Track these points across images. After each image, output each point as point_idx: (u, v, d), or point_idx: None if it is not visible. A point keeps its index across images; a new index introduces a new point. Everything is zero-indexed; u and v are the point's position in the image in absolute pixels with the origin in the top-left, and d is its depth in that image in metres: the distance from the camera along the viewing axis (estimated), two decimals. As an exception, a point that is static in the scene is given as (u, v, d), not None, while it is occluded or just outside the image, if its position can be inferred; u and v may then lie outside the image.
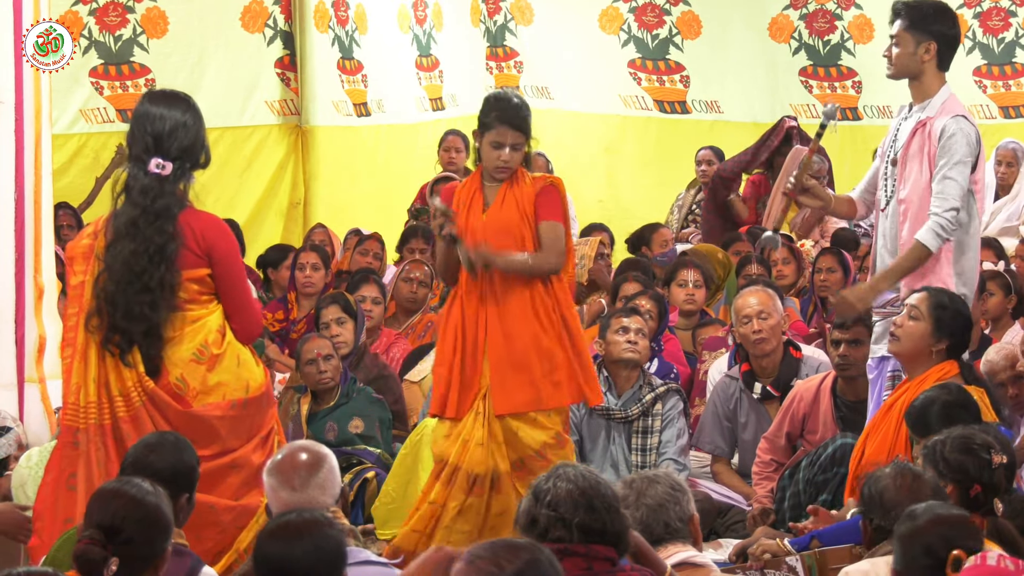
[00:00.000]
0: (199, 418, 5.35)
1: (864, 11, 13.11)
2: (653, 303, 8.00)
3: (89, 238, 5.45)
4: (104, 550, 3.89)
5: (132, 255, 5.30)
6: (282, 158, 11.56)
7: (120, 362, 5.32)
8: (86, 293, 5.36)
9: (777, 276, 9.29)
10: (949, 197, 6.02)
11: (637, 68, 13.51)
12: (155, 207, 5.31)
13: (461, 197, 6.21)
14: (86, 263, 5.40)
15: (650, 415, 7.23)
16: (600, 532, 3.91)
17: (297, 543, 3.81)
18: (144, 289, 5.29)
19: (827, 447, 6.65)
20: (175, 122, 5.39)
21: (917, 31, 6.18)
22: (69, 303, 5.45)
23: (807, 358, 7.49)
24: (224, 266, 5.44)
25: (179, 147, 5.36)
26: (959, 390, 5.36)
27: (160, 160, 5.34)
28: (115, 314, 5.31)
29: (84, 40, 10.68)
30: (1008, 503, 4.64)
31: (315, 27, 11.58)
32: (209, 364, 5.39)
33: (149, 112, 5.43)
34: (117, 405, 5.31)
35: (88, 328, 5.34)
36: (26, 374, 7.30)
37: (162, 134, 5.37)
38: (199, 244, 5.37)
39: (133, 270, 5.29)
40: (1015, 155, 11.19)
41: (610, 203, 13.36)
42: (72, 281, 5.44)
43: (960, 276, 6.09)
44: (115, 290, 5.31)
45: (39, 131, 7.39)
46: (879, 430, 5.74)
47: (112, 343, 5.32)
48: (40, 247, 7.38)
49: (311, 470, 4.38)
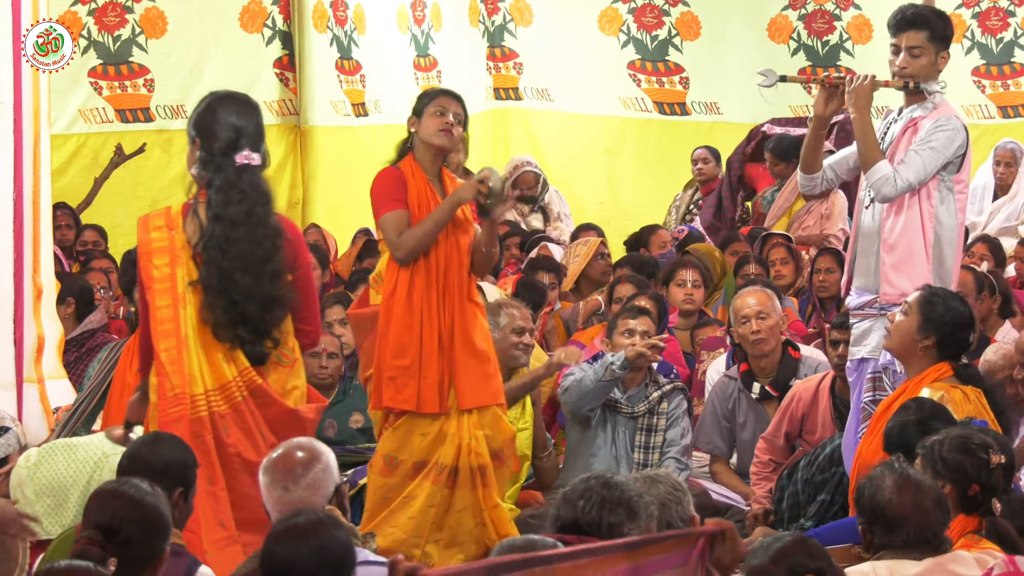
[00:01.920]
0: (300, 418, 5.41)
1: (863, 12, 13.11)
2: (652, 303, 7.99)
3: (161, 230, 5.44)
4: (103, 550, 3.89)
5: (259, 243, 5.35)
6: (281, 158, 11.56)
7: (221, 353, 5.32)
8: (178, 284, 5.36)
9: (775, 276, 9.29)
10: (910, 166, 6.04)
11: (637, 70, 13.51)
12: (263, 196, 5.42)
13: (415, 190, 6.10)
14: (168, 255, 5.39)
15: (655, 413, 7.22)
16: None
17: (304, 544, 3.81)
18: (274, 276, 5.35)
19: (825, 447, 6.65)
20: (258, 122, 5.50)
21: (938, 41, 6.19)
22: (158, 296, 5.39)
23: (805, 358, 7.49)
24: (304, 270, 5.54)
25: (254, 140, 5.47)
26: (925, 407, 5.29)
27: (248, 152, 5.42)
28: (247, 304, 5.32)
29: (83, 40, 10.69)
30: (1006, 503, 4.63)
31: (314, 27, 11.59)
32: (290, 367, 5.46)
33: (216, 111, 5.46)
34: (213, 400, 5.31)
35: (203, 318, 5.33)
36: (25, 374, 7.31)
37: (245, 128, 5.45)
38: (290, 247, 5.45)
39: (260, 258, 5.34)
40: (1013, 155, 11.19)
41: (610, 205, 13.37)
42: (156, 275, 5.40)
43: (937, 272, 6.08)
44: (248, 281, 5.32)
45: (38, 131, 7.39)
46: (875, 431, 5.72)
47: (236, 332, 5.32)
48: (39, 247, 7.38)
49: (302, 470, 4.37)
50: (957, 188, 6.13)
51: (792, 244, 9.90)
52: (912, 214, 6.10)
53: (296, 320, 5.51)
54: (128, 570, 3.92)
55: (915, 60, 6.18)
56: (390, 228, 6.03)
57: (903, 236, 6.10)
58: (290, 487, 4.35)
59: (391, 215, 6.03)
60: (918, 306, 5.75)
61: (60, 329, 7.62)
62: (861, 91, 6.13)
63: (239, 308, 5.33)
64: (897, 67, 6.21)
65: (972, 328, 5.78)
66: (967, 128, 6.18)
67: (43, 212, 7.44)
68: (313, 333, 5.59)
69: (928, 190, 6.09)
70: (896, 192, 6.07)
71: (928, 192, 6.09)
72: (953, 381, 5.60)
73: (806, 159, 6.39)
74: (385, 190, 6.06)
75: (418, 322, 6.03)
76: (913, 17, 6.21)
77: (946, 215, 6.11)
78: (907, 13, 6.23)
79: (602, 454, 7.16)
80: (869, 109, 6.16)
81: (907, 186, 6.05)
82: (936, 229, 6.08)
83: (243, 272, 5.33)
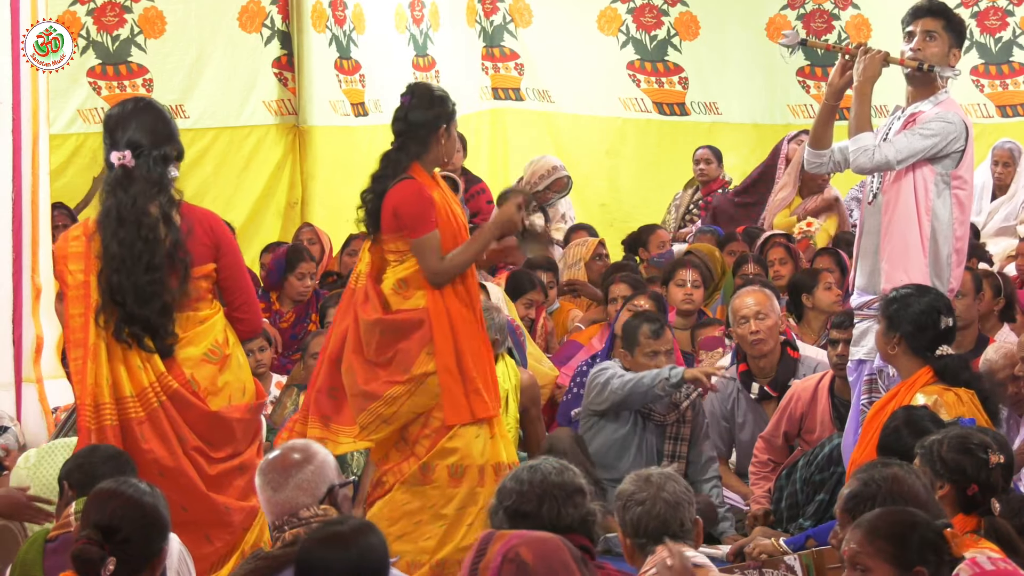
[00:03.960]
0: (222, 419, 5.36)
1: (862, 11, 13.11)
2: (651, 303, 7.99)
3: (79, 240, 5.43)
4: (102, 550, 3.89)
5: (124, 240, 5.31)
6: (280, 158, 11.56)
7: (137, 360, 5.29)
8: (92, 292, 5.34)
9: (774, 276, 9.28)
10: (893, 144, 6.02)
11: (636, 70, 13.51)
12: (129, 192, 5.33)
13: (442, 201, 6.11)
14: (83, 262, 5.39)
15: (682, 422, 7.21)
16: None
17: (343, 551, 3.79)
18: (148, 268, 5.29)
19: (824, 447, 6.66)
20: (122, 116, 5.43)
21: (953, 34, 6.18)
22: (71, 304, 5.40)
23: (804, 358, 7.49)
24: (231, 257, 5.49)
25: (131, 138, 5.38)
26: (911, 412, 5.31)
27: (118, 152, 5.37)
28: (126, 302, 5.29)
29: (82, 40, 10.68)
30: (1005, 502, 4.64)
31: (312, 27, 11.58)
32: (220, 364, 5.41)
33: (106, 115, 5.51)
34: (128, 407, 5.28)
35: (98, 323, 5.31)
36: (24, 374, 7.31)
37: (113, 129, 5.42)
38: (208, 236, 5.41)
39: (132, 253, 5.30)
40: (1012, 154, 11.18)
41: (612, 206, 13.37)
42: (70, 281, 5.41)
43: (934, 267, 6.07)
44: (119, 278, 5.29)
45: (37, 131, 7.39)
46: (867, 434, 5.71)
47: (126, 334, 5.29)
48: (37, 247, 7.38)
49: (293, 471, 4.36)
50: (955, 184, 6.10)
51: (791, 244, 9.90)
52: (909, 207, 6.08)
53: (231, 309, 5.49)
54: (127, 569, 3.93)
55: (930, 44, 6.14)
56: (431, 252, 6.00)
57: (899, 227, 6.08)
58: (279, 488, 4.35)
59: (431, 237, 6.00)
60: (881, 309, 5.78)
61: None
62: (872, 61, 6.11)
63: (124, 310, 5.30)
64: (911, 50, 6.18)
65: (939, 315, 5.72)
66: (969, 126, 6.15)
67: (42, 212, 7.43)
68: (249, 321, 5.55)
69: (925, 183, 6.06)
70: (872, 165, 6.05)
71: (925, 186, 6.07)
72: (943, 384, 5.60)
73: (816, 133, 6.32)
74: (421, 210, 6.00)
75: (479, 328, 6.11)
76: (931, 5, 6.22)
77: (942, 208, 6.08)
78: (925, 2, 6.23)
79: (632, 455, 7.13)
80: (874, 81, 6.11)
81: (884, 161, 6.02)
82: (932, 223, 6.06)
83: (116, 271, 5.31)
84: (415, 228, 5.99)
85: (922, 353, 5.69)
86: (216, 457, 5.32)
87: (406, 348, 6.02)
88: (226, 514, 5.27)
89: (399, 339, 6.04)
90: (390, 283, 6.09)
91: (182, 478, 5.22)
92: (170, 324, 5.34)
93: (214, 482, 5.29)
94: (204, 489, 5.29)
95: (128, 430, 5.27)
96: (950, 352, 5.72)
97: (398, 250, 6.07)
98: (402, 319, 6.04)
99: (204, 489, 5.29)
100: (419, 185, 6.03)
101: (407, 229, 6.01)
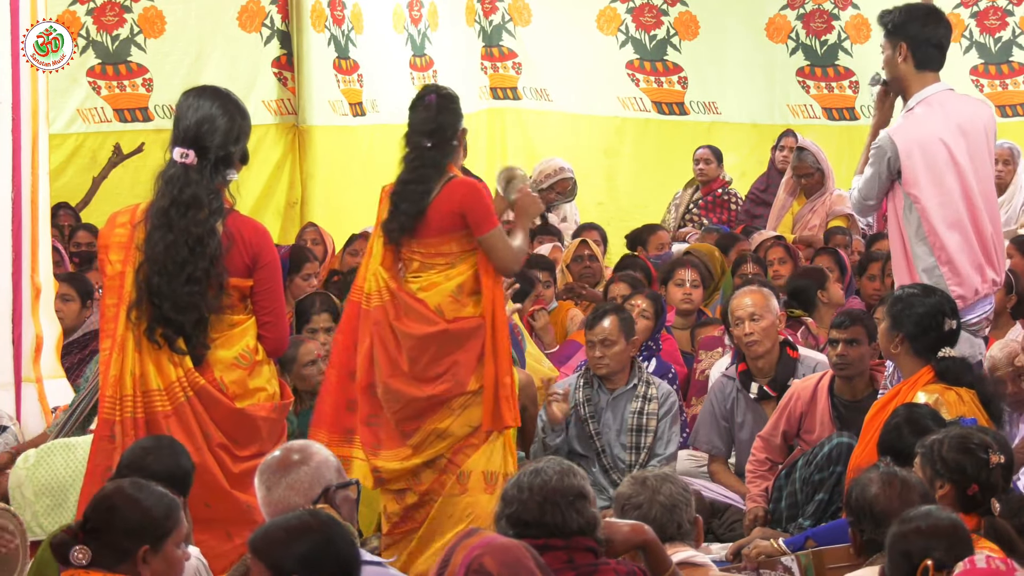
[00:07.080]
0: (248, 417, 5.33)
1: (861, 11, 13.11)
2: (650, 302, 8.00)
3: (125, 227, 5.34)
4: (75, 539, 3.97)
5: (171, 246, 5.23)
6: (279, 158, 11.57)
7: (166, 355, 5.24)
8: (126, 284, 5.28)
9: (773, 276, 9.27)
10: (856, 187, 6.29)
11: (635, 70, 13.52)
12: (183, 197, 5.24)
13: None
14: (124, 252, 5.31)
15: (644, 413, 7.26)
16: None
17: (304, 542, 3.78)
18: (189, 280, 5.22)
19: (823, 446, 6.65)
20: (203, 114, 5.31)
21: (892, 36, 6.23)
22: (106, 294, 5.34)
23: (804, 358, 7.49)
24: (267, 272, 5.39)
25: (201, 138, 5.29)
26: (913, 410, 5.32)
27: (183, 149, 5.28)
28: (162, 305, 5.23)
29: (81, 40, 10.69)
30: (1005, 502, 4.64)
31: (312, 27, 11.59)
32: (250, 369, 5.36)
33: (181, 104, 5.37)
34: (155, 400, 5.24)
35: (129, 318, 5.25)
36: (23, 374, 7.31)
37: (188, 125, 5.30)
38: (247, 249, 5.32)
39: (175, 261, 5.22)
40: (1011, 154, 11.18)
41: (609, 205, 13.37)
42: (108, 271, 5.33)
43: (929, 278, 6.11)
44: (160, 281, 5.23)
45: (36, 131, 7.39)
46: (868, 433, 5.72)
47: (158, 334, 5.24)
48: (37, 247, 7.38)
49: (288, 471, 4.36)
50: (912, 194, 6.11)
51: (790, 244, 9.90)
52: (893, 226, 6.25)
53: (258, 324, 5.41)
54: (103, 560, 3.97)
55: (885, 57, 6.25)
56: (504, 243, 6.00)
57: (894, 244, 6.25)
58: (272, 487, 4.35)
59: (501, 230, 6.03)
60: (886, 309, 5.83)
61: (58, 328, 7.62)
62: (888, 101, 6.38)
63: (159, 311, 5.24)
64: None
65: (943, 317, 5.74)
66: (896, 141, 6.11)
67: (41, 212, 7.43)
68: (272, 340, 5.43)
69: (896, 204, 6.19)
70: (857, 210, 6.51)
71: (896, 205, 6.19)
72: (935, 384, 5.61)
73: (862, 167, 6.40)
74: (486, 205, 6.01)
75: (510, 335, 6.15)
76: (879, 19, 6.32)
77: (910, 220, 6.14)
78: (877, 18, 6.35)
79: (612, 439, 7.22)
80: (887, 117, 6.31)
81: (856, 200, 6.32)
82: (906, 229, 6.16)
83: (159, 274, 5.24)
84: (483, 224, 5.97)
85: (924, 354, 5.71)
86: (241, 455, 5.30)
87: (462, 360, 5.99)
88: (248, 512, 5.24)
89: (454, 349, 5.99)
90: (447, 290, 6.03)
91: (206, 474, 5.17)
92: (204, 336, 5.28)
93: (237, 480, 5.26)
94: (227, 486, 5.25)
95: (154, 423, 5.23)
96: (952, 354, 5.73)
97: (450, 252, 6.03)
98: (462, 328, 6.00)
99: (227, 486, 5.25)
100: (475, 181, 6.11)
101: (474, 226, 5.98)
